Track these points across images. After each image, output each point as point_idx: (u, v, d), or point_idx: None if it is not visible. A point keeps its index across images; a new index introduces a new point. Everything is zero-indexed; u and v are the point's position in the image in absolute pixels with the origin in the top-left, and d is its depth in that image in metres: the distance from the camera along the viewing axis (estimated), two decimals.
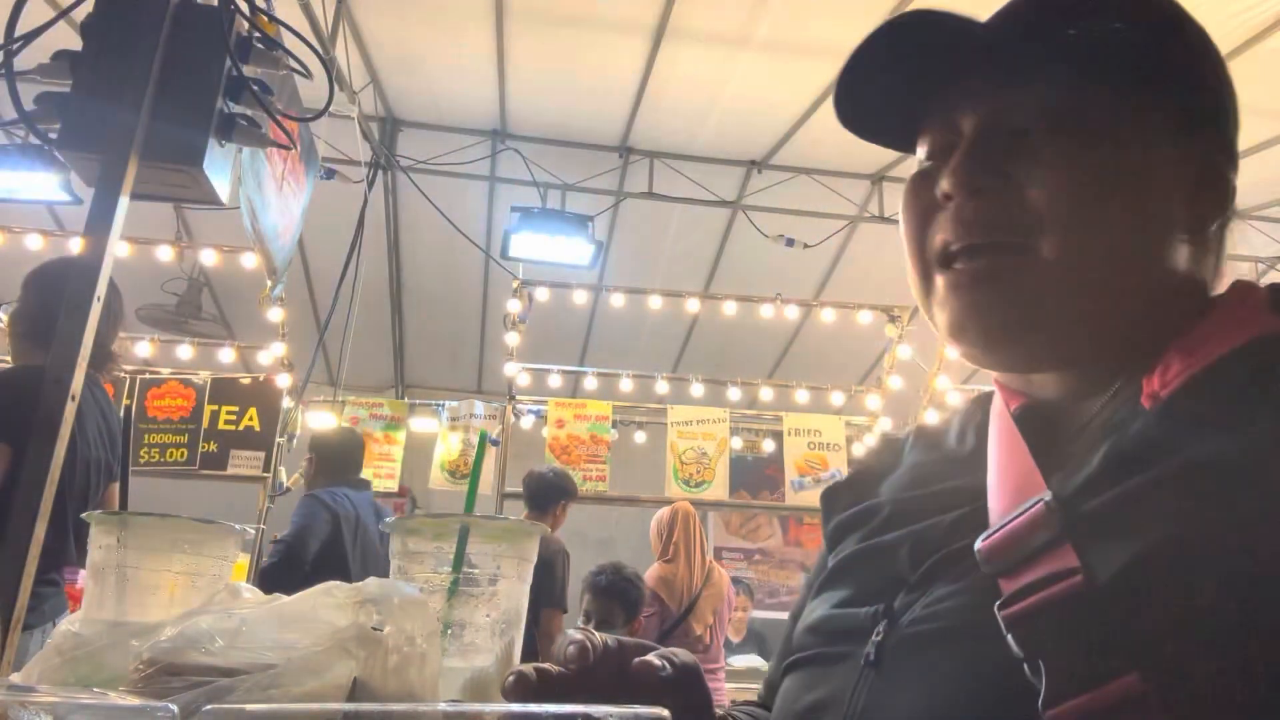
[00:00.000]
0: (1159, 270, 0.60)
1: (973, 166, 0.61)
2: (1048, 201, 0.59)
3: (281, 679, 0.54)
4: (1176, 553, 0.47)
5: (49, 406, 1.34)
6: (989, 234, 0.60)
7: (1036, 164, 0.59)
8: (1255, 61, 4.30)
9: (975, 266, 0.61)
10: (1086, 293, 0.59)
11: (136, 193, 1.49)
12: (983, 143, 0.61)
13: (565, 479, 4.41)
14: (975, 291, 0.61)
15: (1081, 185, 0.58)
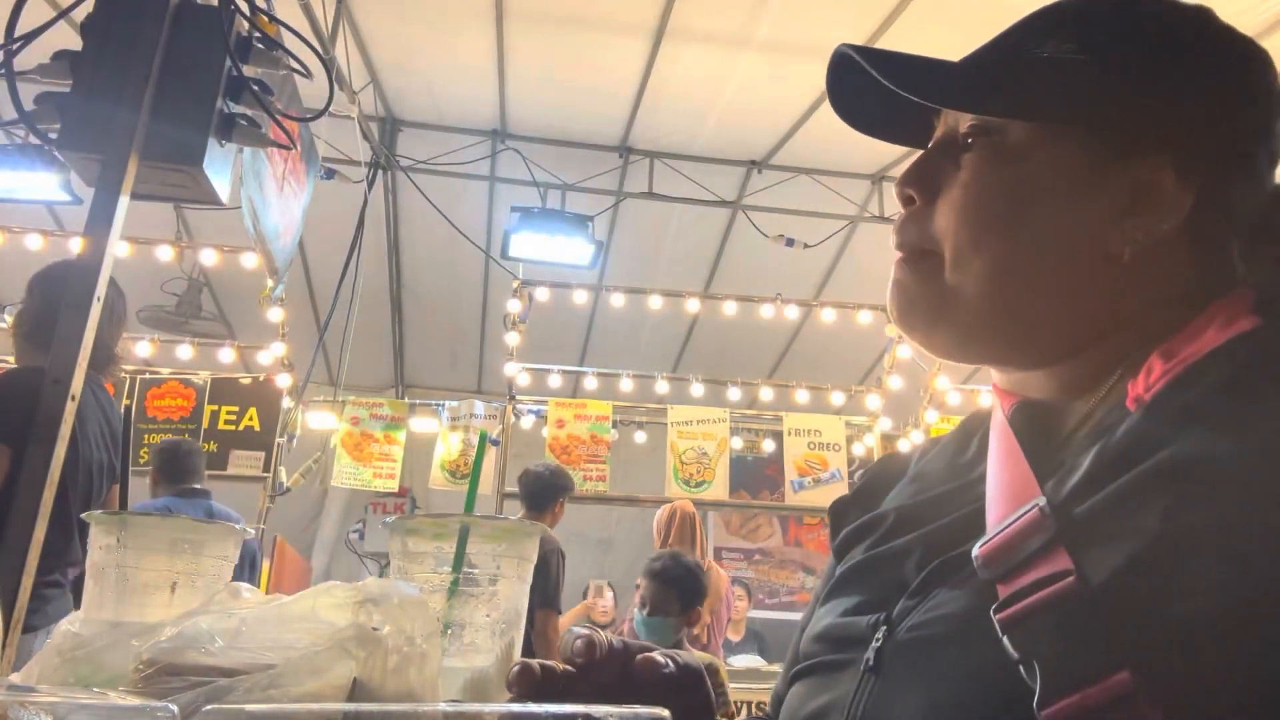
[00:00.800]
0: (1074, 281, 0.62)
1: (904, 177, 0.67)
2: (947, 218, 0.64)
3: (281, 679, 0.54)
4: (1166, 553, 0.49)
5: (49, 407, 1.34)
6: (906, 239, 0.68)
7: (953, 181, 0.65)
8: None
9: (897, 264, 0.69)
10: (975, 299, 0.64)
11: (136, 193, 1.50)
12: (928, 154, 0.68)
13: (561, 475, 4.40)
14: (893, 285, 0.69)
15: (972, 202, 0.63)
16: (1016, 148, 0.63)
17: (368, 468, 5.72)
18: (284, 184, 3.30)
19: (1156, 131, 0.62)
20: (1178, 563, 0.48)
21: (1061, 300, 0.63)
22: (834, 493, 5.41)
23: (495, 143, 5.78)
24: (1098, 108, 0.62)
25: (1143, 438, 0.54)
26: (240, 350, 5.79)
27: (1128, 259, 0.62)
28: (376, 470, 5.71)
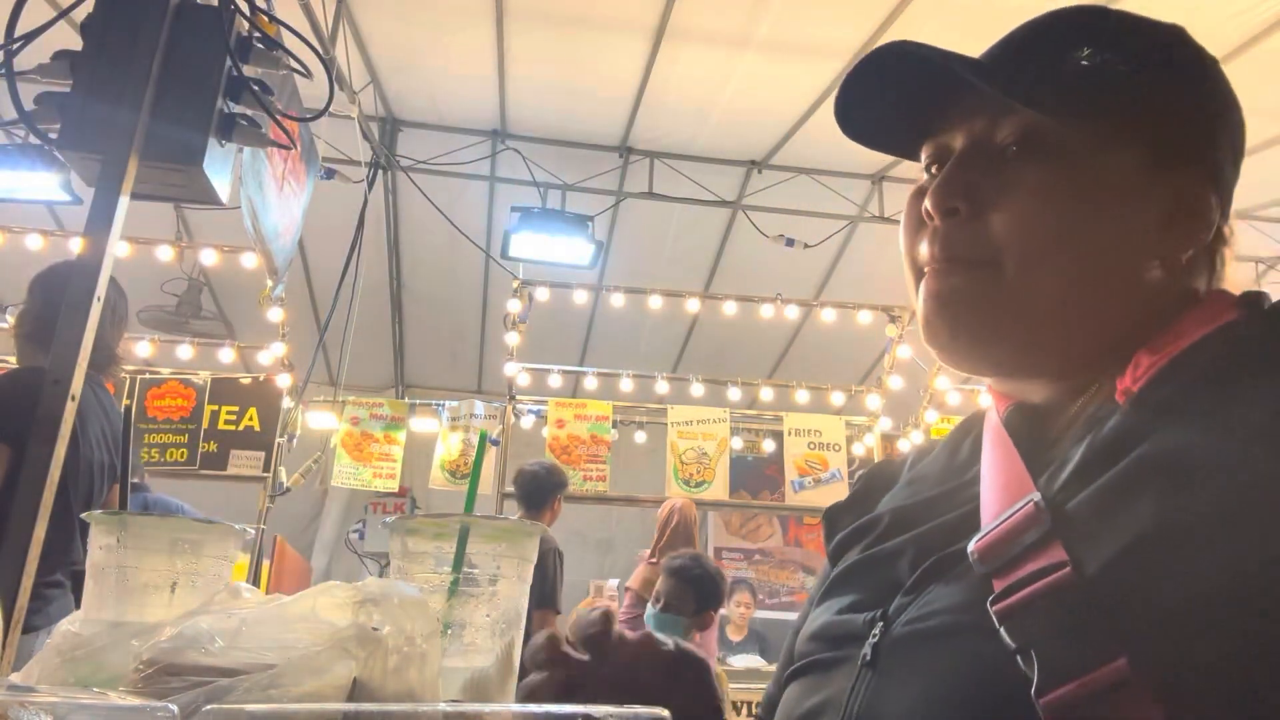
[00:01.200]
0: (1124, 291, 0.63)
1: (947, 189, 0.65)
2: (1008, 225, 0.63)
3: (281, 679, 0.54)
4: (1157, 542, 0.50)
5: (49, 407, 1.34)
6: (956, 252, 0.65)
7: (1005, 187, 0.63)
8: (1255, 61, 4.30)
9: (943, 274, 0.65)
10: (1042, 311, 0.63)
11: (136, 192, 1.50)
12: (962, 164, 0.65)
13: (556, 472, 4.40)
14: (941, 297, 0.65)
15: (1042, 211, 0.62)
16: (1072, 156, 0.62)
17: (368, 468, 5.72)
18: (284, 184, 3.30)
19: (1194, 144, 0.65)
20: (1168, 551, 0.49)
21: (1117, 306, 0.63)
22: (834, 493, 5.42)
23: (495, 143, 5.78)
24: (1151, 116, 0.64)
25: (1130, 430, 0.56)
26: (240, 350, 5.79)
27: (1172, 268, 0.63)
28: (376, 470, 5.71)
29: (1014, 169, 0.63)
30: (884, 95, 0.68)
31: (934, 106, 0.68)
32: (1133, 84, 0.64)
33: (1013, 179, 0.63)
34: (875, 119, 0.71)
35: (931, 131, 0.70)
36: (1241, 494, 0.49)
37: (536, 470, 4.32)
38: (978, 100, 0.65)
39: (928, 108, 0.69)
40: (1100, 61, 0.64)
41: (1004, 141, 0.64)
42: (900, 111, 0.69)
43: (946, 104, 0.68)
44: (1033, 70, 0.65)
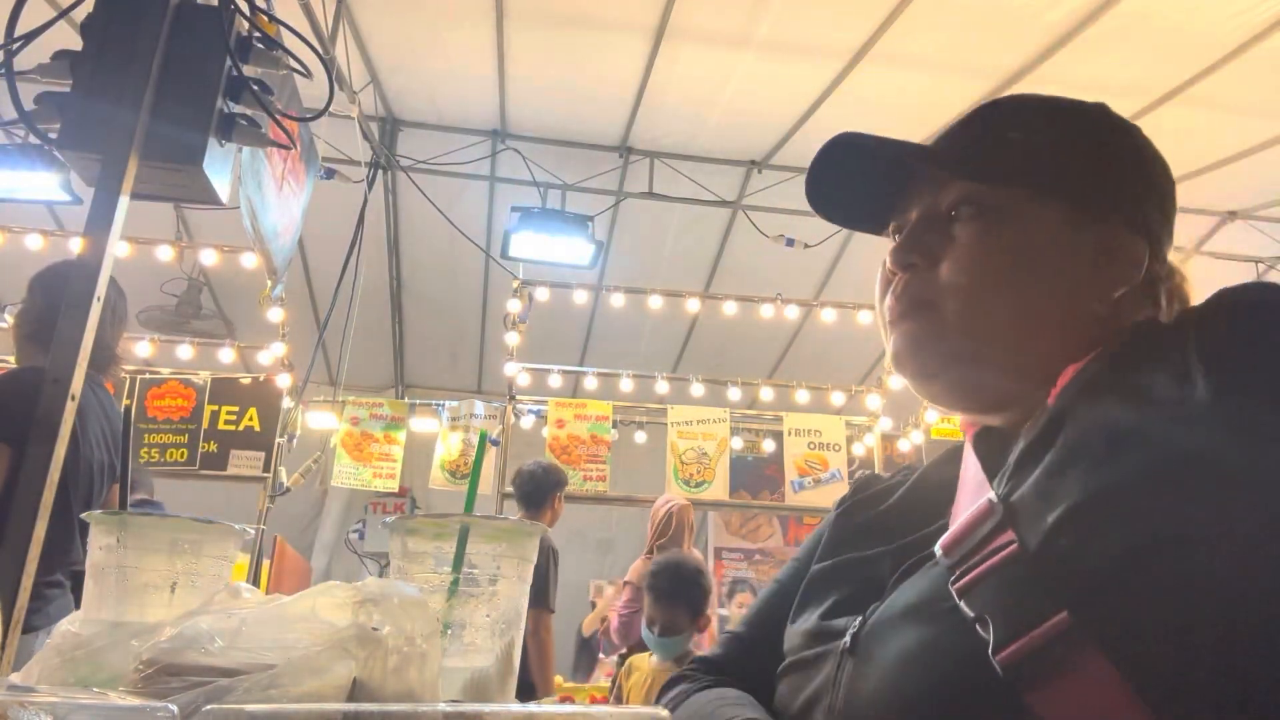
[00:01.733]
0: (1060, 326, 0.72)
1: (904, 247, 0.77)
2: (950, 272, 0.74)
3: (281, 679, 0.54)
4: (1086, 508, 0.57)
5: (49, 407, 1.34)
6: (910, 296, 0.77)
7: (949, 243, 0.75)
8: (1255, 61, 4.30)
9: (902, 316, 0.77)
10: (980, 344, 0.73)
11: (136, 192, 1.49)
12: (915, 231, 0.78)
13: (554, 471, 4.40)
14: (901, 329, 0.77)
15: (976, 259, 0.74)
16: (1005, 214, 0.74)
17: (368, 468, 5.72)
18: (283, 184, 3.30)
19: (1112, 198, 0.76)
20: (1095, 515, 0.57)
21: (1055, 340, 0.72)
22: (835, 493, 5.42)
23: (495, 143, 5.78)
24: (1068, 177, 0.76)
25: (1054, 418, 0.66)
26: (240, 350, 5.79)
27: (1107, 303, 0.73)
28: (376, 470, 5.71)
29: (957, 228, 0.75)
30: (849, 184, 0.81)
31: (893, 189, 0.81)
32: (1049, 151, 0.76)
33: (955, 236, 0.75)
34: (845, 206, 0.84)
35: (894, 209, 0.82)
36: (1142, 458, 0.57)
37: (534, 470, 4.32)
38: (925, 178, 0.78)
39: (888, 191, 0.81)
40: (1022, 135, 0.77)
41: (948, 208, 0.76)
42: (866, 197, 0.82)
43: (904, 184, 0.80)
44: (966, 148, 0.78)
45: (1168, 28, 4.27)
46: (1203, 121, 4.90)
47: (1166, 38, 4.34)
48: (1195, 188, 5.76)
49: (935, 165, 0.77)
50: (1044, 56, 4.53)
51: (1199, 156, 5.36)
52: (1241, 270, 6.40)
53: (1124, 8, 4.16)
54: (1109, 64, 4.55)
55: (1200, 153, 5.31)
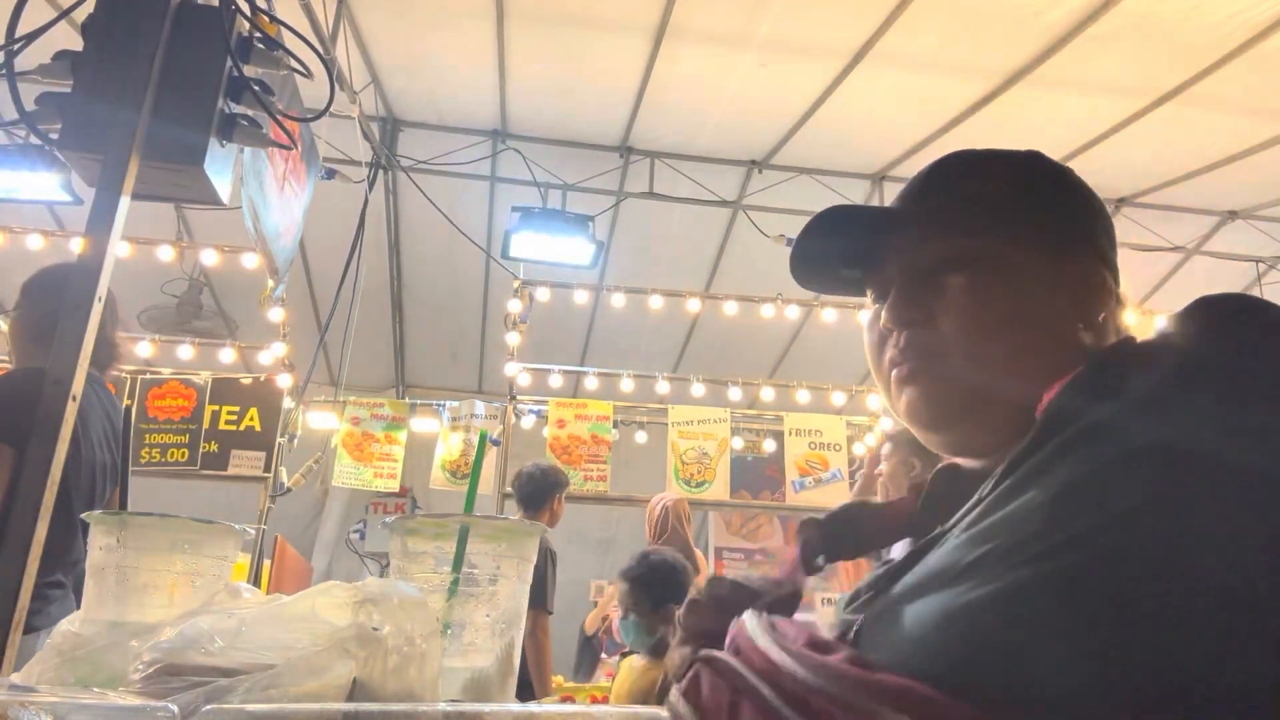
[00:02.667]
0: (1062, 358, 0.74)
1: (901, 307, 0.81)
2: (953, 326, 0.78)
3: (281, 679, 0.54)
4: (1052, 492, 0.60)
5: (50, 407, 1.34)
6: (920, 351, 0.79)
7: (943, 297, 0.78)
8: (1255, 61, 4.30)
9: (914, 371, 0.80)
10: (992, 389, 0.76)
11: (137, 193, 1.50)
12: (906, 288, 0.81)
13: (554, 472, 4.39)
14: (917, 385, 0.80)
15: (975, 311, 0.77)
16: (993, 263, 0.78)
17: (368, 468, 5.72)
18: (285, 184, 3.30)
19: (1078, 236, 0.81)
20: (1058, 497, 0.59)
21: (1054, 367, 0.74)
22: (835, 492, 5.43)
23: (496, 143, 5.78)
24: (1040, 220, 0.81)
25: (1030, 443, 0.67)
26: (241, 350, 5.79)
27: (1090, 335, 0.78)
28: (377, 470, 5.72)
29: (946, 283, 0.78)
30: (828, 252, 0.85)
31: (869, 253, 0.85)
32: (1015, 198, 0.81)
33: (947, 289, 0.78)
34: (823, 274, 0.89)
35: (870, 274, 0.86)
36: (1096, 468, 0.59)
37: (533, 472, 4.32)
38: (902, 241, 0.82)
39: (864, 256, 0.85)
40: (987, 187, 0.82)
41: (931, 264, 0.79)
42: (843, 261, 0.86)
43: (877, 250, 0.84)
44: (939, 207, 0.82)
45: (1168, 27, 4.27)
46: (1203, 121, 4.90)
47: (1166, 37, 4.33)
48: (1195, 188, 5.76)
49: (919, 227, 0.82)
50: (1044, 56, 4.53)
51: (1199, 156, 5.35)
52: (1241, 270, 6.40)
53: (1124, 8, 4.16)
54: (1109, 64, 4.54)
55: (1200, 153, 5.31)
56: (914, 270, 0.81)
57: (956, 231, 0.80)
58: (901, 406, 0.81)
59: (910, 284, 0.81)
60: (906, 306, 0.80)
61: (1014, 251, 0.78)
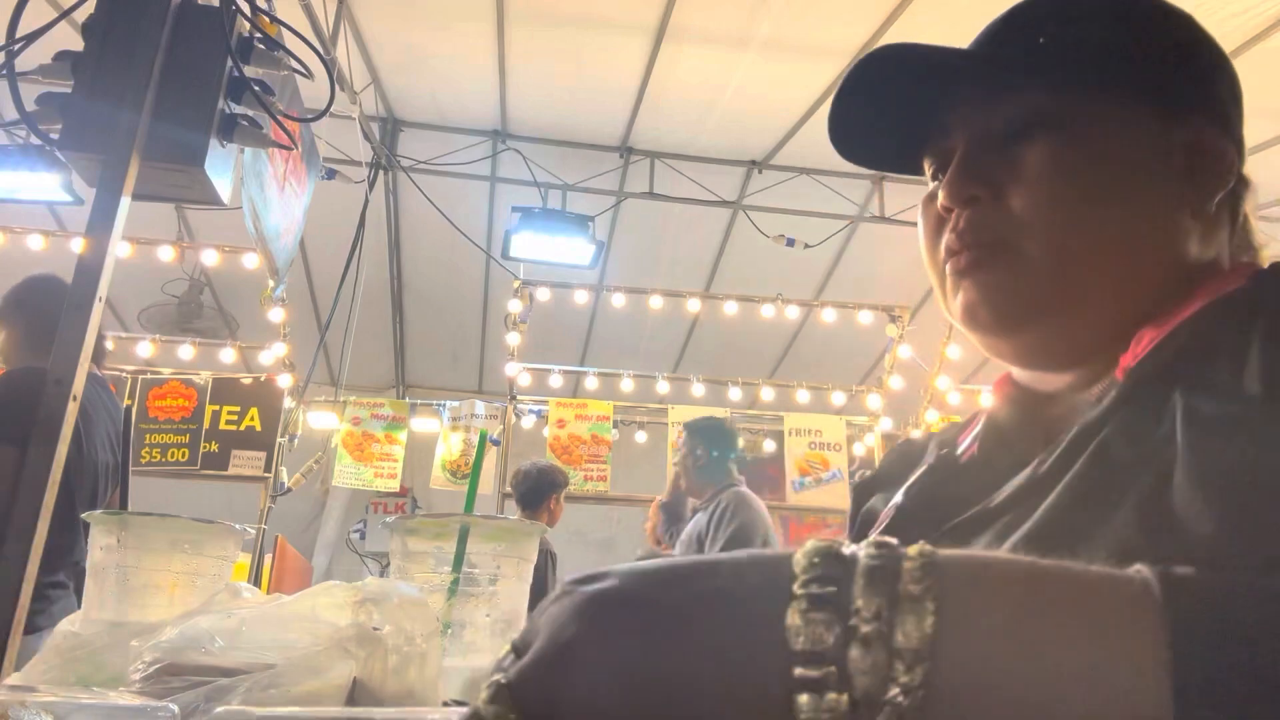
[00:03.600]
0: (1164, 253, 0.62)
1: (961, 180, 0.65)
2: (1029, 204, 0.62)
3: (281, 679, 0.54)
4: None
5: (51, 407, 1.34)
6: (984, 236, 0.64)
7: (1018, 169, 0.63)
8: (1255, 61, 4.29)
9: (976, 260, 0.65)
10: (1079, 284, 0.62)
11: (138, 193, 1.50)
12: (971, 156, 0.65)
13: (551, 471, 4.39)
14: (976, 279, 0.64)
15: (1060, 185, 0.62)
16: (1082, 125, 0.63)
17: (369, 468, 5.72)
18: (285, 184, 3.31)
19: (1193, 92, 0.65)
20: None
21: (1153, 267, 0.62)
22: (835, 492, 5.42)
23: (496, 143, 5.78)
24: (1144, 72, 0.64)
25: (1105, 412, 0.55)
26: (241, 350, 5.79)
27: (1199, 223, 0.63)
28: (378, 470, 5.71)
29: (1023, 150, 0.63)
30: (876, 111, 0.69)
31: (927, 115, 0.68)
32: (1116, 43, 0.65)
33: (1024, 159, 0.63)
34: (870, 138, 0.72)
35: (929, 143, 0.70)
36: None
37: (530, 471, 4.32)
38: (969, 97, 0.66)
39: (921, 118, 0.69)
40: (1080, 31, 0.64)
41: (1006, 127, 0.64)
42: (895, 124, 0.70)
43: (938, 110, 0.68)
44: (1017, 53, 0.66)
45: None
46: None
47: None
48: None
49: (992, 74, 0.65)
50: None
51: None
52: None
53: None
54: None
55: None
56: (982, 135, 0.65)
57: (1036, 85, 0.63)
58: (957, 307, 0.66)
59: (979, 150, 0.65)
60: (968, 180, 0.64)
61: (1108, 111, 0.63)
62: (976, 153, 0.65)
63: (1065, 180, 0.62)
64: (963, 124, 0.67)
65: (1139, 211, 0.62)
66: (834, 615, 0.36)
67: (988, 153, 0.65)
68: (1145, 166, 0.62)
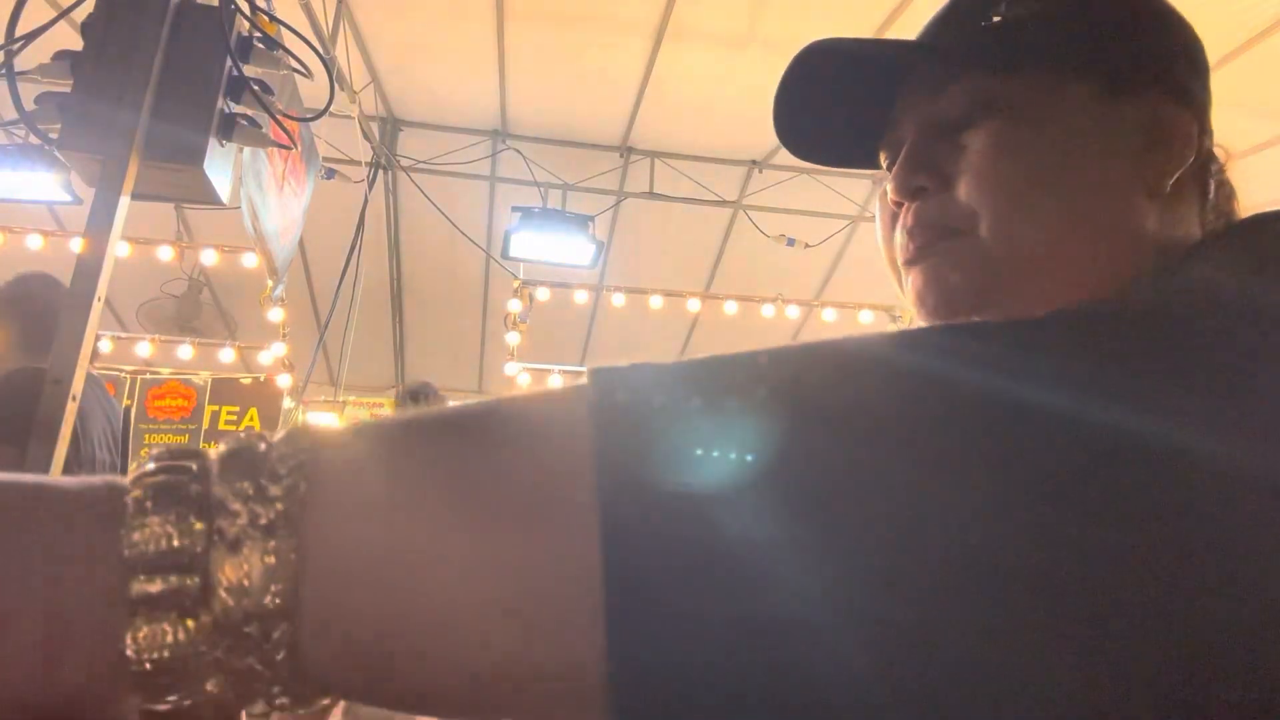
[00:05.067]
0: (1118, 234, 0.60)
1: (907, 172, 0.63)
2: (975, 190, 0.60)
3: None
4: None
5: (50, 407, 1.34)
6: (930, 228, 0.63)
7: (964, 156, 0.61)
8: (1255, 61, 4.29)
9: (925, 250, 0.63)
10: (1028, 267, 0.60)
11: (137, 193, 1.50)
12: (916, 147, 0.63)
13: None
14: (923, 266, 0.63)
15: (1004, 168, 0.60)
16: (1029, 106, 0.61)
17: None
18: (284, 184, 3.30)
19: (1146, 65, 0.63)
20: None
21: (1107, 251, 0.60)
22: None
23: (496, 143, 5.78)
24: (1090, 47, 0.62)
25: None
26: (241, 350, 5.79)
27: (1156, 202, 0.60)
28: None
29: (968, 136, 0.61)
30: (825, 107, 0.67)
31: (879, 108, 0.67)
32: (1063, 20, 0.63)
33: (969, 146, 0.61)
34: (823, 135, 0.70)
35: (883, 135, 0.69)
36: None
37: None
38: (915, 88, 0.65)
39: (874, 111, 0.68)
40: (1024, 9, 0.62)
41: (952, 114, 0.62)
42: (848, 119, 0.68)
43: (890, 102, 0.66)
44: (964, 36, 0.64)
45: None
46: None
47: None
48: None
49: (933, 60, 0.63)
50: None
51: None
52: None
53: None
54: None
55: None
56: (928, 124, 0.64)
57: (980, 69, 0.62)
58: (910, 295, 0.65)
59: (925, 140, 0.63)
60: (914, 171, 0.63)
61: (1054, 90, 0.61)
62: (922, 143, 0.63)
63: (1009, 163, 0.60)
64: (911, 115, 0.65)
65: (1090, 191, 0.60)
66: (186, 508, 0.29)
67: (934, 142, 0.63)
68: (1094, 145, 0.60)
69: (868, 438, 0.31)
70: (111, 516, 0.29)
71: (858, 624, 0.28)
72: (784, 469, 0.30)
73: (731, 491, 0.29)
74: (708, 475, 0.29)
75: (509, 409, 0.33)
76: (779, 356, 0.34)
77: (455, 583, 0.29)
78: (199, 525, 0.29)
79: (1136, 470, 0.31)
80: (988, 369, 0.34)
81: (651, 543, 0.28)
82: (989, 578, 0.29)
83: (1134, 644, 0.29)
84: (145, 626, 0.27)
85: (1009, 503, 0.30)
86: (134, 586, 0.28)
